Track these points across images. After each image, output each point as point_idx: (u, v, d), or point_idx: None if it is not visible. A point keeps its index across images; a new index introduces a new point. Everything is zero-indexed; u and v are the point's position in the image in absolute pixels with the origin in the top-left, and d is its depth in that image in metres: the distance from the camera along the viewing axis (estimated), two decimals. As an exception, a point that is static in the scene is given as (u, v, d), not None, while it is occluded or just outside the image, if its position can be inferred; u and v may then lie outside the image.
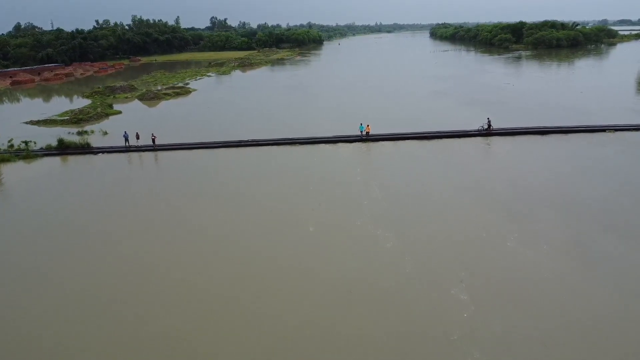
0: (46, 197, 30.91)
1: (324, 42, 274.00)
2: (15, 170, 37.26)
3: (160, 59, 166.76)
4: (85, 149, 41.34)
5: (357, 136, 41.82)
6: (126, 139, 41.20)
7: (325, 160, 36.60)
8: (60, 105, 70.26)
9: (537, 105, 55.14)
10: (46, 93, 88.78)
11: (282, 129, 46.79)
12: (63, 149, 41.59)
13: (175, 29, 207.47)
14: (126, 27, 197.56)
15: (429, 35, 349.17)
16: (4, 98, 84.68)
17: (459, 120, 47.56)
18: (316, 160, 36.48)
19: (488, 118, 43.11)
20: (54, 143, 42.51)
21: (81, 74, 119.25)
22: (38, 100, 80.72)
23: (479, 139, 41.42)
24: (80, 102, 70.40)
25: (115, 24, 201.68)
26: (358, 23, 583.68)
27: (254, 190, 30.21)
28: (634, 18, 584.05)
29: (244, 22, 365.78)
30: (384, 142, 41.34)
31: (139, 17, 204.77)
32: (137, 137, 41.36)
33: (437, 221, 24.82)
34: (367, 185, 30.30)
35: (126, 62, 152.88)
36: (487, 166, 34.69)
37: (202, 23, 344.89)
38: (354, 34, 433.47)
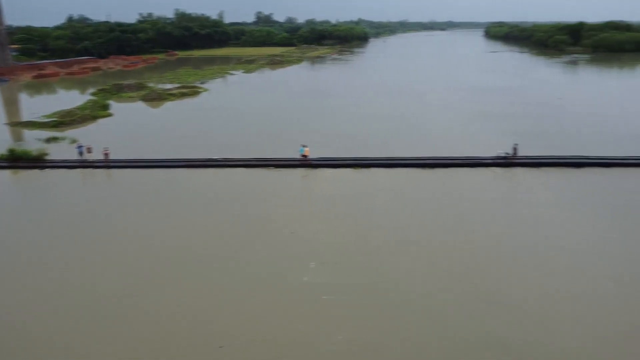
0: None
1: (370, 39, 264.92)
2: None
3: (198, 53, 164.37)
4: (36, 163, 36.56)
5: (297, 159, 35.14)
6: (80, 153, 36.22)
7: (288, 201, 29.32)
8: (61, 102, 66.64)
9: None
10: (59, 88, 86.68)
11: (271, 144, 40.75)
12: (13, 160, 37.06)
13: (217, 24, 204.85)
14: (168, 21, 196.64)
15: (483, 34, 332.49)
16: (15, 93, 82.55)
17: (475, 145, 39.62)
18: (275, 201, 29.47)
19: None
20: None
21: (109, 67, 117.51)
22: (43, 97, 78.81)
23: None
24: (83, 100, 66.64)
25: (158, 17, 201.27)
26: (411, 20, 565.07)
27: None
28: None
29: (291, 17, 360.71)
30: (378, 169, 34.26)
31: (181, 10, 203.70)
32: (89, 151, 36.17)
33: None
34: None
35: (162, 56, 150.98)
36: None
37: (250, 17, 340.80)
38: (404, 31, 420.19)
